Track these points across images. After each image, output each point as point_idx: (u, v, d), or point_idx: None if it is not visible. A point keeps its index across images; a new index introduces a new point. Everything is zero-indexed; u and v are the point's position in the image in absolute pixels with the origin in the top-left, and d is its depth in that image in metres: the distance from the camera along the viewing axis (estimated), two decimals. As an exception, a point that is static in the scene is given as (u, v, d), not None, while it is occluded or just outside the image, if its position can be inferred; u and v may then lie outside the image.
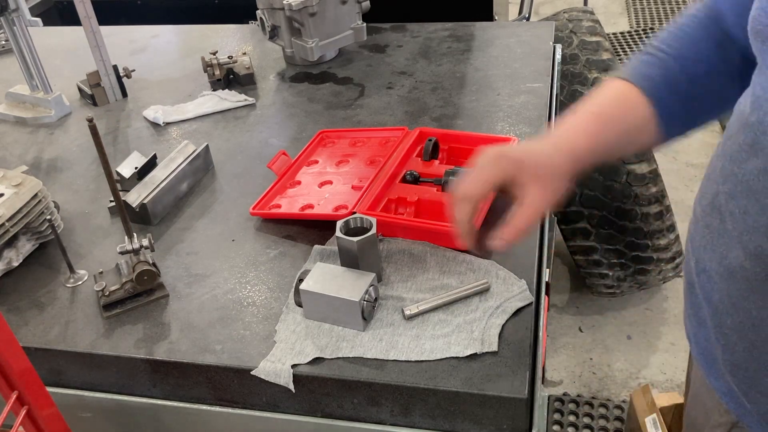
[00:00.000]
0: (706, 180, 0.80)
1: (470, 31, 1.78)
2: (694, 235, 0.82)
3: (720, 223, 0.75)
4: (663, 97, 0.87)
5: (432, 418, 0.89)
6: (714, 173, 0.77)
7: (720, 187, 0.75)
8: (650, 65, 0.89)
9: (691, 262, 0.83)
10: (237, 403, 0.96)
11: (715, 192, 0.76)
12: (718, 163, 0.76)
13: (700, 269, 0.80)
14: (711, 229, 0.77)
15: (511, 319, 0.93)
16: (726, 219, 0.74)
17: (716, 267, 0.76)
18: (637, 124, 0.87)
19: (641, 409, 1.65)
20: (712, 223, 0.76)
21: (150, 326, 1.00)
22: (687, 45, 0.88)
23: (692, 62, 0.87)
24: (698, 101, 0.88)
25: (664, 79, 0.87)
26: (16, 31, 1.50)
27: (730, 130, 0.76)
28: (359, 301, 0.90)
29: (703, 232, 0.79)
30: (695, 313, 0.84)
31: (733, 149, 0.73)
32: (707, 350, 0.83)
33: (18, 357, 0.72)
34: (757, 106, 0.70)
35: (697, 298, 0.82)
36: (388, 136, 1.30)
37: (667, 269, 2.24)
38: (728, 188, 0.73)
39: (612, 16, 4.36)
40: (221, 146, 1.41)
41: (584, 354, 2.29)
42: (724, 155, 0.75)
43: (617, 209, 2.10)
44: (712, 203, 0.77)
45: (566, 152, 0.84)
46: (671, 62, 0.88)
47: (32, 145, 1.51)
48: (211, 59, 1.62)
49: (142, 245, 1.02)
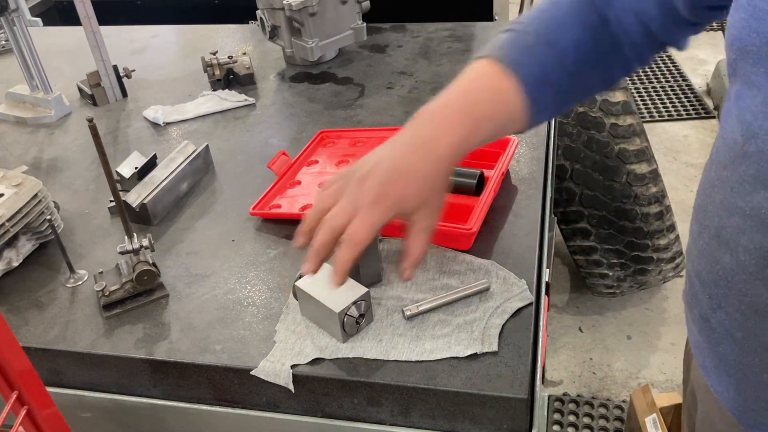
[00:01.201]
0: (702, 211, 0.76)
1: (470, 31, 1.78)
2: (699, 269, 0.78)
3: (732, 258, 0.71)
4: (535, 88, 0.85)
5: (432, 418, 0.89)
6: (713, 205, 0.74)
7: (725, 220, 0.71)
8: (521, 49, 0.86)
9: (700, 295, 0.79)
10: (237, 403, 0.96)
11: (720, 226, 0.72)
12: (717, 195, 0.73)
13: (715, 305, 0.76)
14: (722, 265, 0.73)
15: (511, 319, 0.93)
16: (740, 255, 0.70)
17: (736, 304, 0.73)
18: (508, 120, 0.86)
19: (641, 409, 1.65)
20: (723, 258, 0.73)
21: (150, 326, 1.00)
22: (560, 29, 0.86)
23: (564, 48, 0.85)
24: (569, 90, 0.88)
25: (537, 68, 0.85)
26: (16, 31, 1.50)
27: (720, 159, 0.72)
28: (339, 313, 0.89)
29: (714, 268, 0.75)
30: (714, 347, 0.80)
31: (733, 181, 0.69)
32: (731, 384, 0.80)
33: (18, 357, 0.72)
34: (752, 135, 0.66)
35: (714, 333, 0.78)
36: (388, 136, 1.29)
37: (667, 269, 2.25)
38: (736, 222, 0.70)
39: (612, 16, 4.36)
40: (221, 146, 1.41)
41: (584, 354, 2.29)
42: (722, 187, 0.71)
43: (617, 209, 2.11)
44: (717, 237, 0.73)
45: (436, 162, 0.83)
46: (544, 48, 0.86)
47: (32, 145, 1.51)
48: (211, 59, 1.62)
49: (142, 245, 1.02)
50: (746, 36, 0.65)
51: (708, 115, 3.44)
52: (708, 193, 0.75)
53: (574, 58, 0.86)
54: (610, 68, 0.89)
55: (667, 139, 3.29)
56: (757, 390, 0.76)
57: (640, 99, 3.67)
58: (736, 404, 0.80)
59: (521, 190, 1.17)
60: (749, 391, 0.77)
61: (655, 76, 3.82)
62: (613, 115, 2.08)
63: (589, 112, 2.09)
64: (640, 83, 3.78)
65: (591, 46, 0.86)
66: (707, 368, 0.84)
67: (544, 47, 0.86)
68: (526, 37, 0.87)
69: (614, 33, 0.86)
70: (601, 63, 0.88)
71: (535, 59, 0.86)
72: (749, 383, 0.77)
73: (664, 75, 3.83)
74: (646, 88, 3.74)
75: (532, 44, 0.87)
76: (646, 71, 3.86)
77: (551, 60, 0.86)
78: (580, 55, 0.86)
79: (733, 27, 0.68)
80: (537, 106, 0.86)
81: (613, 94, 2.09)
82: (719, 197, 0.72)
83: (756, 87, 0.65)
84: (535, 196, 1.15)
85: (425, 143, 0.84)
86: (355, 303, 0.90)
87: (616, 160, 2.08)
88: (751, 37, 0.65)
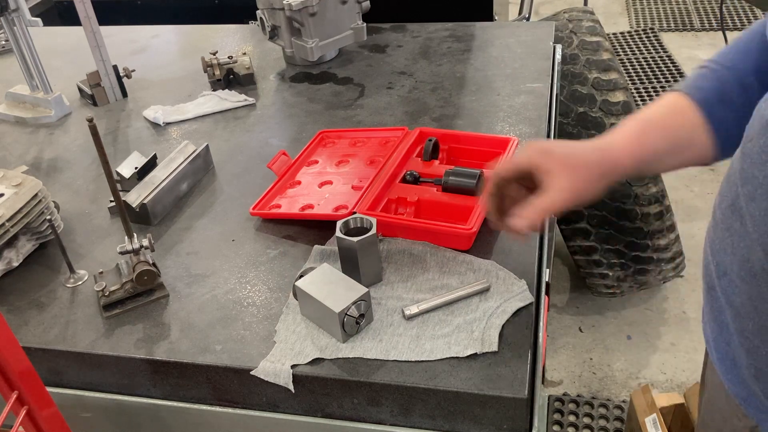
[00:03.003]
0: (726, 182, 0.79)
1: (470, 31, 1.78)
2: (713, 238, 0.81)
3: (741, 225, 0.74)
4: (714, 106, 0.86)
5: (432, 418, 0.89)
6: (734, 175, 0.76)
7: (740, 189, 0.74)
8: (703, 77, 0.89)
9: (711, 265, 0.81)
10: (237, 403, 0.96)
11: (735, 194, 0.75)
12: (738, 165, 0.75)
13: (720, 272, 0.79)
14: (732, 232, 0.75)
15: (511, 319, 0.93)
16: (746, 221, 0.72)
17: (738, 270, 0.75)
18: (685, 132, 0.87)
19: (641, 409, 1.65)
20: (733, 225, 0.75)
21: (150, 326, 1.00)
22: (740, 55, 0.87)
23: (744, 72, 0.86)
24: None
25: (715, 89, 0.87)
26: (16, 31, 1.50)
27: (749, 133, 0.75)
28: (339, 313, 0.89)
29: (723, 235, 0.77)
30: (715, 317, 0.82)
31: (753, 152, 0.72)
32: (728, 355, 0.81)
33: (18, 357, 0.72)
34: None
35: (717, 301, 0.80)
36: (388, 136, 1.30)
37: (667, 269, 2.24)
38: (748, 190, 0.72)
39: (612, 16, 4.36)
40: (221, 146, 1.41)
41: (584, 354, 2.29)
42: (744, 158, 0.74)
43: (617, 209, 2.10)
44: (732, 206, 0.76)
45: (604, 152, 0.85)
46: (724, 72, 0.87)
47: (32, 145, 1.51)
48: (211, 59, 1.62)
49: (142, 245, 1.02)
50: None
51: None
52: (733, 165, 0.77)
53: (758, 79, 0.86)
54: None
55: (667, 139, 3.28)
56: (749, 356, 0.78)
57: (640, 99, 3.66)
58: (729, 376, 0.82)
59: (521, 190, 1.17)
60: (742, 359, 0.79)
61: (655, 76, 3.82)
62: (613, 115, 2.08)
63: (589, 113, 2.09)
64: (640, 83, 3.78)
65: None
66: (709, 341, 0.86)
67: (723, 71, 0.88)
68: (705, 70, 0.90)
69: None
70: None
71: (711, 82, 0.88)
72: (742, 351, 0.78)
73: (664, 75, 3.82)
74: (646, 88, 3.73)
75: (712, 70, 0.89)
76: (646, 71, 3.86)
77: (729, 80, 0.87)
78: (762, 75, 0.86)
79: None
80: (717, 124, 0.87)
81: (613, 94, 2.09)
82: (739, 167, 0.75)
83: None
84: (535, 196, 1.15)
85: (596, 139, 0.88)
86: (355, 303, 0.90)
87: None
88: None
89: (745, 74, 0.86)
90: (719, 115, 0.87)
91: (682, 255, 2.26)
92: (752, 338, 0.76)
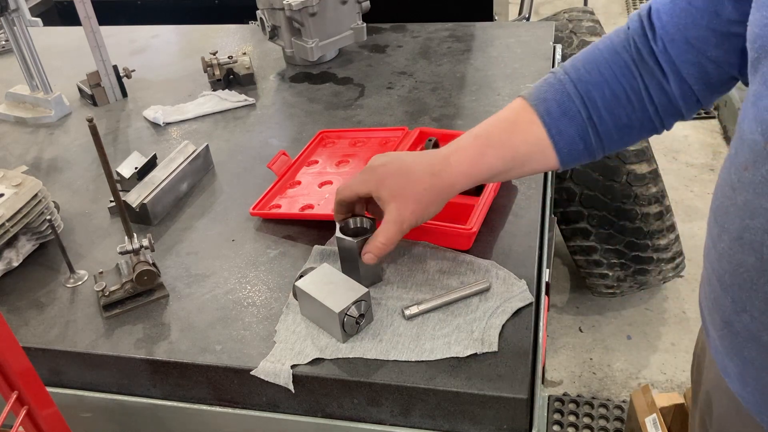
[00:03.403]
0: (724, 214, 0.75)
1: (470, 31, 1.78)
2: (722, 274, 0.77)
3: (758, 260, 0.70)
4: (557, 120, 0.88)
5: (432, 418, 0.89)
6: (734, 207, 0.73)
7: (748, 222, 0.70)
8: (549, 86, 0.90)
9: (723, 299, 0.78)
10: (237, 403, 0.96)
11: (742, 227, 0.71)
12: (738, 197, 0.72)
13: (740, 309, 0.75)
14: (747, 267, 0.72)
15: (511, 319, 0.93)
16: (765, 256, 0.69)
17: (762, 307, 0.72)
18: (526, 148, 0.89)
19: (641, 409, 1.65)
20: (747, 260, 0.72)
21: (150, 326, 1.00)
22: (593, 68, 0.88)
23: (593, 86, 0.88)
24: (599, 130, 0.89)
25: (559, 101, 0.88)
26: (16, 31, 1.50)
27: (740, 160, 0.71)
28: (339, 313, 0.89)
29: (737, 270, 0.74)
30: (738, 352, 0.79)
31: (755, 181, 0.68)
32: (757, 389, 0.78)
33: (18, 357, 0.72)
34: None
35: (737, 336, 0.77)
36: (388, 136, 1.30)
37: (667, 269, 2.24)
38: (760, 223, 0.69)
39: (612, 16, 4.36)
40: (221, 146, 1.41)
41: (584, 354, 2.29)
42: (744, 188, 0.71)
43: (617, 209, 2.11)
44: (740, 239, 0.72)
45: (438, 178, 0.90)
46: (569, 85, 0.88)
47: (32, 145, 1.51)
48: (211, 59, 1.62)
49: (142, 245, 1.02)
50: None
51: (708, 116, 3.44)
52: (728, 195, 0.74)
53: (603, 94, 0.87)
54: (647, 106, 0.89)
55: (667, 139, 3.29)
56: None
57: (640, 99, 3.66)
58: (761, 408, 0.79)
59: (521, 190, 1.17)
60: None
61: (655, 76, 3.82)
62: (613, 115, 2.08)
63: (589, 112, 2.09)
64: (640, 83, 3.78)
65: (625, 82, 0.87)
66: (730, 374, 0.82)
67: (568, 83, 0.89)
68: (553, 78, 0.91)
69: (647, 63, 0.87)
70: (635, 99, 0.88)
71: (555, 94, 0.89)
72: None
73: (664, 75, 3.82)
74: (646, 88, 3.73)
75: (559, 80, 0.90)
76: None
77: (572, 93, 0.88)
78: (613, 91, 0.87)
79: (754, 25, 0.68)
80: (561, 139, 0.88)
81: (613, 94, 2.09)
82: (741, 199, 0.71)
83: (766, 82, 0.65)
84: (535, 196, 1.16)
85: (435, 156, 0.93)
86: (355, 303, 0.90)
87: (616, 160, 2.08)
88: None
89: (593, 88, 0.87)
90: (561, 128, 0.88)
91: (682, 255, 2.26)
92: None
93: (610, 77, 0.87)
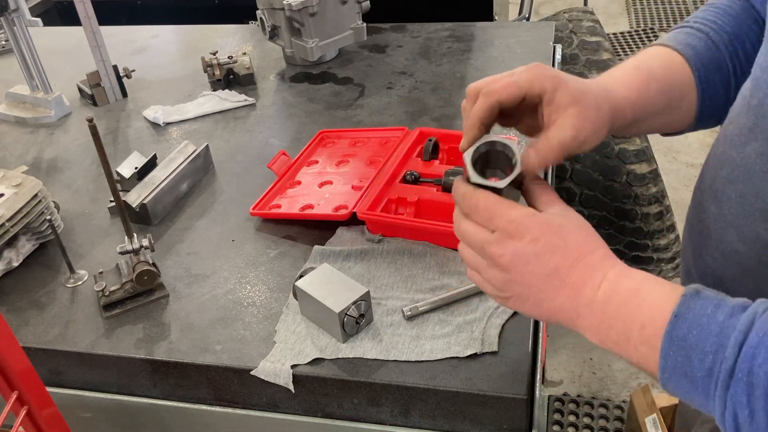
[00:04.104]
0: (705, 166, 0.78)
1: (470, 31, 1.78)
2: (692, 222, 0.81)
3: (716, 208, 0.73)
4: (705, 68, 0.82)
5: (432, 418, 0.89)
6: (713, 158, 0.76)
7: (718, 171, 0.73)
8: (692, 36, 0.84)
9: (688, 250, 0.81)
10: (237, 403, 0.96)
11: (714, 177, 0.75)
12: (718, 148, 0.75)
13: (697, 255, 0.79)
14: (708, 214, 0.75)
15: (511, 319, 0.93)
16: (723, 204, 0.72)
17: (712, 252, 0.75)
18: (679, 90, 0.81)
19: (641, 409, 1.65)
20: (709, 208, 0.75)
21: (150, 326, 1.00)
22: (727, 21, 0.84)
23: (733, 37, 0.82)
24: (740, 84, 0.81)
25: (707, 49, 0.82)
26: (16, 31, 1.50)
27: (731, 115, 0.74)
28: (339, 313, 0.89)
29: (700, 218, 0.77)
30: None
31: (733, 133, 0.72)
32: None
33: (18, 357, 0.72)
34: (757, 88, 0.68)
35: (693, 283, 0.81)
36: (388, 136, 1.30)
37: (667, 269, 2.24)
38: (726, 173, 0.72)
39: (612, 16, 4.36)
40: (221, 146, 1.41)
41: (584, 354, 2.29)
42: (724, 140, 0.74)
43: (617, 209, 2.10)
44: (710, 188, 0.75)
45: (610, 98, 0.76)
46: (713, 35, 0.83)
47: (32, 145, 1.51)
48: (211, 59, 1.62)
49: (142, 245, 1.02)
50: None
51: (708, 115, 3.44)
52: (713, 148, 0.77)
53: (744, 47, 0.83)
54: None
55: (667, 138, 3.28)
56: None
57: (640, 99, 3.67)
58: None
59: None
60: None
61: (655, 76, 3.82)
62: (613, 115, 2.08)
63: (589, 112, 2.09)
64: (640, 83, 3.78)
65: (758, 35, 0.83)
66: None
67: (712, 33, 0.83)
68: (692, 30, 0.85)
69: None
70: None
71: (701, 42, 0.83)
72: None
73: (664, 75, 3.83)
74: (646, 88, 3.74)
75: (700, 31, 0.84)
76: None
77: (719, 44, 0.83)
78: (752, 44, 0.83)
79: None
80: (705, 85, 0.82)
81: (613, 94, 2.09)
82: (720, 150, 0.74)
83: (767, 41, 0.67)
84: (535, 196, 1.15)
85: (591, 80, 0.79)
86: (355, 303, 0.90)
87: (616, 160, 2.08)
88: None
89: (733, 40, 0.83)
90: (710, 78, 0.82)
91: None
92: None
93: (747, 30, 0.83)
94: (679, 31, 0.86)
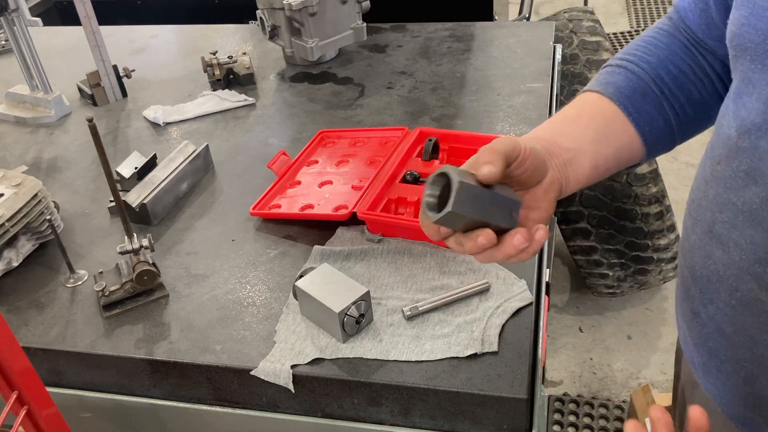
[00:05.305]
0: (697, 207, 0.76)
1: (470, 31, 1.78)
2: (693, 264, 0.78)
3: (724, 253, 0.72)
4: (628, 98, 0.83)
5: (432, 418, 0.89)
6: (706, 200, 0.74)
7: (717, 215, 0.72)
8: (610, 74, 0.85)
9: (692, 290, 0.79)
10: (237, 403, 0.96)
11: (712, 220, 0.73)
12: (710, 190, 0.73)
13: (707, 300, 0.77)
14: (714, 260, 0.73)
15: (511, 319, 0.93)
16: (731, 249, 0.70)
17: (727, 299, 0.73)
18: (605, 119, 0.82)
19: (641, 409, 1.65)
20: (714, 253, 0.73)
21: (150, 326, 1.00)
22: (649, 50, 0.85)
23: (655, 65, 0.84)
24: (674, 105, 0.85)
25: (627, 81, 0.84)
26: (16, 31, 1.50)
27: (714, 154, 0.73)
28: (339, 313, 0.89)
29: (705, 263, 0.75)
30: (704, 343, 0.80)
31: (726, 176, 0.70)
32: (719, 381, 0.80)
33: (18, 357, 0.72)
34: (745, 131, 0.67)
35: (705, 327, 0.79)
36: (388, 136, 1.30)
37: (667, 269, 2.25)
38: (728, 217, 0.70)
39: (612, 16, 4.36)
40: (221, 146, 1.41)
41: (584, 354, 2.29)
42: (715, 182, 0.72)
43: (617, 209, 2.11)
44: (709, 232, 0.74)
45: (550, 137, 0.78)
46: (631, 67, 0.84)
47: (32, 145, 1.51)
48: (211, 59, 1.62)
49: (142, 245, 1.02)
50: (745, 33, 0.66)
51: (708, 115, 3.44)
52: (702, 188, 0.75)
53: (672, 71, 0.84)
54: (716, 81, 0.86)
55: (667, 139, 3.28)
56: (746, 385, 0.76)
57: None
58: (724, 401, 0.80)
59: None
60: (738, 387, 0.77)
61: (655, 76, 3.82)
62: (613, 115, 2.08)
63: (589, 112, 2.09)
64: (640, 83, 3.78)
65: (688, 58, 0.84)
66: (695, 364, 0.84)
67: (633, 66, 0.85)
68: (614, 69, 0.86)
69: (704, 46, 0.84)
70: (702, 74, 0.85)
71: (623, 78, 0.84)
72: (738, 379, 0.77)
73: (664, 75, 3.83)
74: (646, 88, 3.74)
75: (622, 68, 0.85)
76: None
77: (642, 75, 0.84)
78: (679, 68, 0.84)
79: (732, 24, 0.69)
80: (640, 119, 0.82)
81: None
82: (713, 192, 0.73)
83: (752, 84, 0.66)
84: (535, 196, 1.15)
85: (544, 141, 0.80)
86: (355, 303, 0.90)
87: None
88: (750, 34, 0.65)
89: (658, 66, 0.84)
90: (636, 105, 0.82)
91: (682, 255, 2.26)
92: (750, 367, 0.74)
93: (671, 55, 0.84)
94: (599, 73, 0.88)
